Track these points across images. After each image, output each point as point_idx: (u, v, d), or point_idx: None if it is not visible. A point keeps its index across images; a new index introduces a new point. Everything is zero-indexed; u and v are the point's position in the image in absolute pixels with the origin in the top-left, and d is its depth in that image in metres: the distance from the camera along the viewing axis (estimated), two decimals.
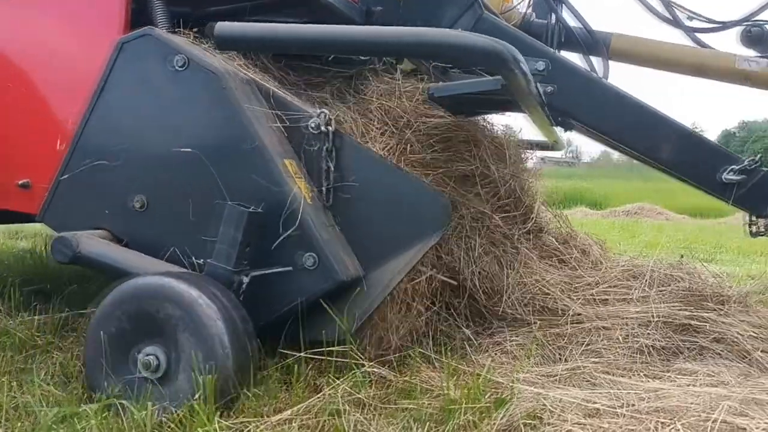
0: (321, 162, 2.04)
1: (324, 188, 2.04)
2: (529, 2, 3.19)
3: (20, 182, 2.24)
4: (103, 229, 2.07)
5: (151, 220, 2.05)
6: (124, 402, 1.65)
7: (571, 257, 3.02)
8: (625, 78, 3.34)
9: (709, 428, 1.46)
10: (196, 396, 1.60)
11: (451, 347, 2.23)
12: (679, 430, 1.48)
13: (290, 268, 1.91)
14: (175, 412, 1.61)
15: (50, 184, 2.17)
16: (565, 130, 3.18)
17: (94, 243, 1.95)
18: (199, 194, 2.00)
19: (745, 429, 1.47)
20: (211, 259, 1.85)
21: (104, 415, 1.62)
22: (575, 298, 2.65)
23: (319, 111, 2.06)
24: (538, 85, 2.49)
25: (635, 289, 2.71)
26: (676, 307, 2.50)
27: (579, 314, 2.51)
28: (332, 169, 2.04)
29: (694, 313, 2.45)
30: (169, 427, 1.60)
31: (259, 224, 1.89)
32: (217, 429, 1.56)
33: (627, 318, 2.48)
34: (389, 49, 2.15)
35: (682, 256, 3.47)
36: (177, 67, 2.02)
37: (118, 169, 2.07)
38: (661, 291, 2.64)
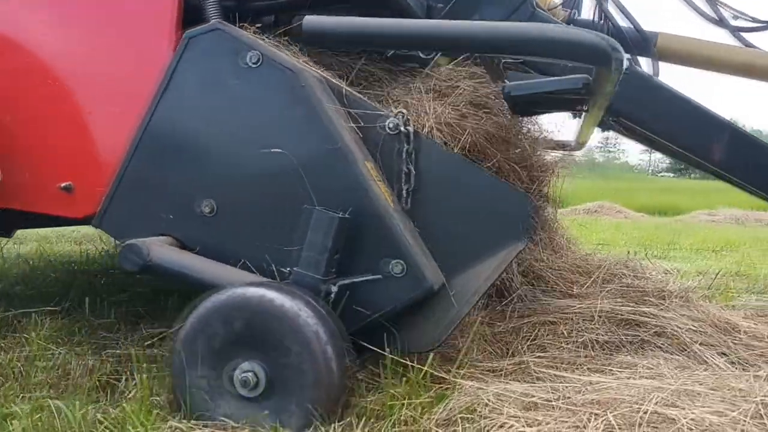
0: (401, 164, 1.94)
1: (404, 191, 1.94)
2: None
3: (62, 185, 2.11)
4: (167, 235, 1.94)
5: (221, 225, 1.92)
6: (58, 402, 1.61)
7: (535, 244, 3.06)
8: None
9: (638, 419, 1.50)
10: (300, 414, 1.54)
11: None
12: (610, 420, 1.51)
13: (380, 276, 1.83)
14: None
15: (98, 188, 2.04)
16: (603, 130, 3.16)
17: (166, 251, 1.84)
18: (275, 198, 1.89)
19: (674, 419, 1.51)
20: (298, 267, 1.77)
21: (38, 416, 1.60)
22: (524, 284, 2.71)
23: (396, 111, 1.96)
24: None
25: (582, 284, 2.76)
26: (619, 303, 2.55)
27: (524, 307, 2.56)
28: (413, 171, 1.94)
29: (636, 308, 2.50)
30: (105, 427, 1.58)
31: (346, 230, 1.81)
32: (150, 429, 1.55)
33: (572, 313, 2.53)
34: (498, 45, 1.99)
35: (628, 253, 3.55)
36: (250, 64, 1.91)
37: (185, 173, 1.96)
38: (605, 287, 2.70)
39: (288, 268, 1.82)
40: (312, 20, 1.91)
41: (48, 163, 2.17)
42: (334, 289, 1.77)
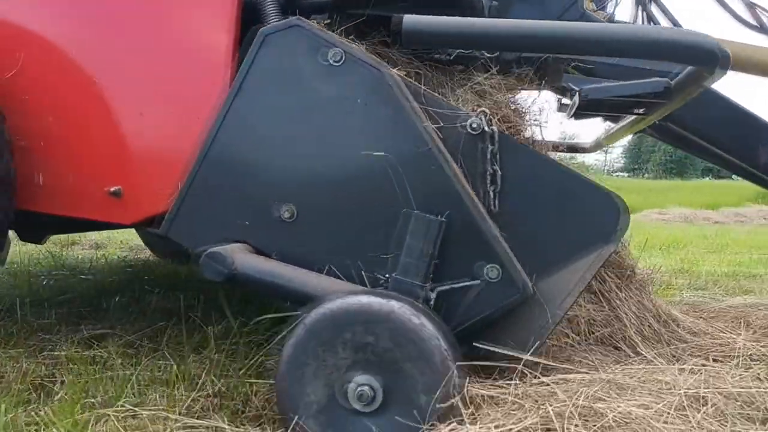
0: (485, 165, 1.86)
1: (491, 193, 1.87)
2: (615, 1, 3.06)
3: (111, 190, 2.00)
4: (242, 242, 1.84)
5: (301, 231, 1.83)
6: None
7: None
8: None
9: (568, 413, 1.53)
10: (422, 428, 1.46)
11: None
12: (547, 413, 1.54)
13: (479, 282, 1.76)
14: None
15: (150, 193, 1.96)
16: (635, 134, 3.14)
17: (251, 259, 1.75)
18: (362, 202, 1.81)
19: (602, 412, 1.54)
20: (397, 273, 1.72)
21: None
22: None
23: (479, 110, 1.89)
24: None
25: None
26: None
27: None
28: (499, 172, 1.86)
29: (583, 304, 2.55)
30: (33, 429, 1.54)
31: (443, 234, 1.75)
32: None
33: None
34: (608, 47, 1.88)
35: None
36: (332, 62, 1.83)
37: (261, 177, 1.87)
38: None
39: (378, 274, 1.77)
40: (412, 19, 1.81)
41: (94, 166, 2.05)
42: (433, 295, 1.73)
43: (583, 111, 2.60)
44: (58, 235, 4.49)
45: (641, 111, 2.60)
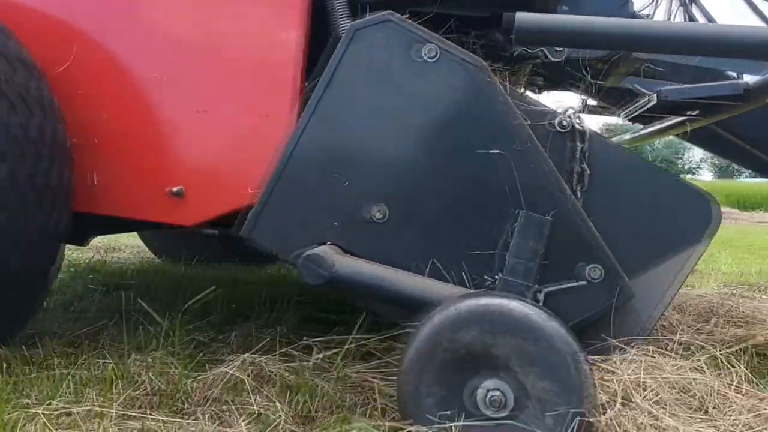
0: (573, 163, 1.86)
1: (578, 192, 1.85)
2: (655, 3, 3.07)
3: (173, 190, 1.92)
4: (330, 243, 1.77)
5: (394, 232, 1.78)
6: None
7: None
8: None
9: None
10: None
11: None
12: None
13: (585, 282, 1.73)
14: None
15: (214, 193, 1.91)
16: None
17: (351, 261, 1.69)
18: (460, 201, 1.76)
19: None
20: (505, 274, 1.68)
21: None
22: None
23: (566, 107, 1.88)
24: None
25: None
26: None
27: None
28: (587, 171, 1.85)
29: None
30: None
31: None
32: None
33: None
34: (723, 48, 1.85)
35: None
36: (426, 58, 1.78)
37: (351, 176, 1.79)
38: None
39: (483, 275, 1.73)
40: (526, 17, 1.78)
41: (154, 165, 1.97)
42: (542, 296, 1.70)
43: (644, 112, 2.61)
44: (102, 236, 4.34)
45: (695, 113, 2.60)
